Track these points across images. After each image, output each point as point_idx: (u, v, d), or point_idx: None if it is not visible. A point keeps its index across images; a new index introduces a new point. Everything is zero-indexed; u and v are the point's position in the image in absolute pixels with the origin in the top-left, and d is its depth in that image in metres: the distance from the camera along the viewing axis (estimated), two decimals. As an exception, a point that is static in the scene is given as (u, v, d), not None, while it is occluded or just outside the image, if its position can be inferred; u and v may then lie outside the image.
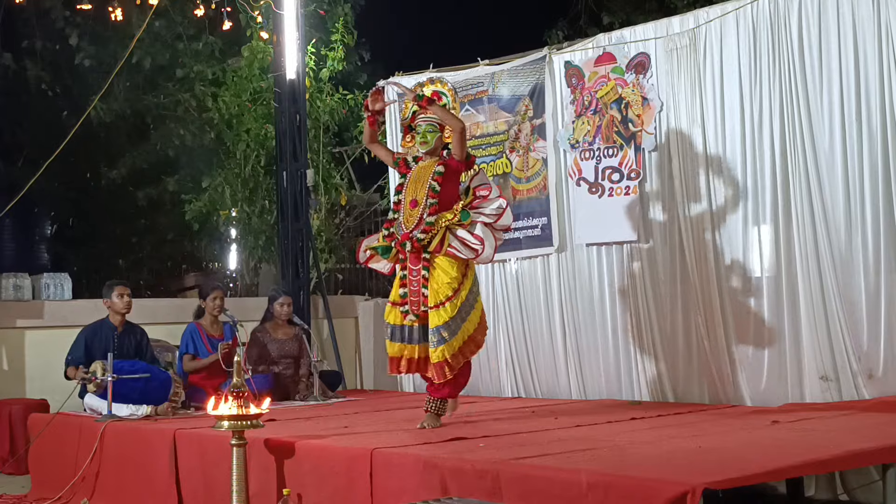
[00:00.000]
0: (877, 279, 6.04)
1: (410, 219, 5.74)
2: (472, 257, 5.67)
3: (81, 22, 12.11)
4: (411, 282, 5.70)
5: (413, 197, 5.76)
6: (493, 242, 5.68)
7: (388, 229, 5.86)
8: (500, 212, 5.70)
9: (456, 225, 5.67)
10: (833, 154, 6.22)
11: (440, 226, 5.66)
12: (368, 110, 6.01)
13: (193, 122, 12.22)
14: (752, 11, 6.59)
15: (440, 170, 5.74)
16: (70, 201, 15.06)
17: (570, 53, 7.64)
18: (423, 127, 5.85)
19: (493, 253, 5.73)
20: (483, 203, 5.76)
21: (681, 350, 6.94)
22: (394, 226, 5.84)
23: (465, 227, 5.66)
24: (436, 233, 5.65)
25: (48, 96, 13.03)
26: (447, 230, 5.66)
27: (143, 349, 7.31)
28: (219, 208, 11.37)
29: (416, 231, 5.68)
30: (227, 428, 4.86)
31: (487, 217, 5.69)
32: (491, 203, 5.75)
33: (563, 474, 3.96)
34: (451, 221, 5.67)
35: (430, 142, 5.84)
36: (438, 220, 5.67)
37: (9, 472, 7.35)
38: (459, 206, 5.73)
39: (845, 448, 4.38)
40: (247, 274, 12.08)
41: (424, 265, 5.65)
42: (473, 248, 5.62)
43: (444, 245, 5.65)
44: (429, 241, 5.65)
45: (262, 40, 10.86)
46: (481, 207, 5.74)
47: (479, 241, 5.61)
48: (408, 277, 5.72)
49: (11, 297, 8.32)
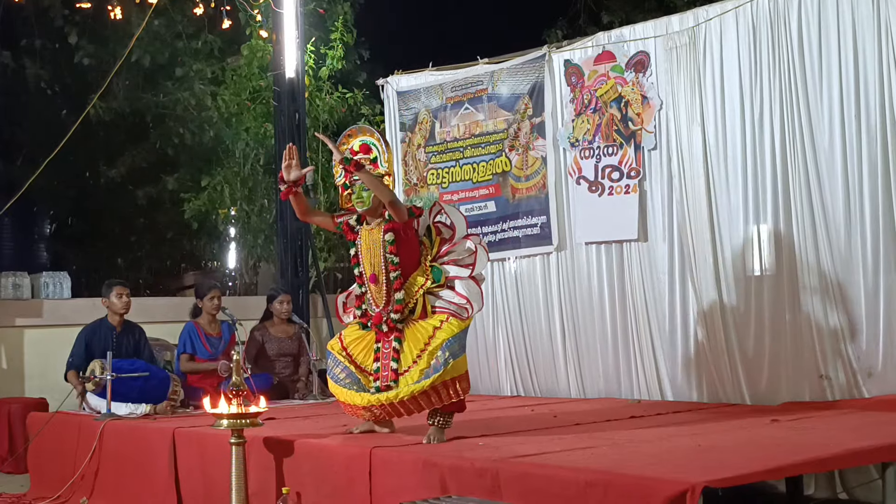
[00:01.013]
0: (875, 278, 6.04)
1: (378, 296, 5.18)
2: (465, 317, 5.12)
3: (81, 20, 12.11)
4: (383, 354, 5.16)
5: (371, 272, 5.19)
6: (478, 293, 5.19)
7: (360, 307, 5.28)
8: (472, 258, 5.22)
9: (434, 288, 5.17)
10: (832, 152, 6.22)
11: (414, 296, 5.15)
12: (283, 181, 5.30)
13: (193, 120, 12.22)
14: (752, 10, 6.58)
15: (390, 238, 5.16)
16: (69, 200, 15.05)
17: (569, 52, 7.63)
18: (357, 185, 5.21)
19: (482, 301, 5.23)
20: (452, 248, 5.26)
21: (680, 349, 6.93)
22: (364, 301, 5.27)
23: (443, 287, 5.17)
24: (413, 305, 5.14)
25: (47, 95, 13.03)
26: (425, 296, 5.16)
27: (142, 348, 7.31)
28: (218, 207, 11.37)
29: (388, 311, 5.14)
30: (226, 426, 4.86)
31: (463, 269, 5.20)
32: (460, 247, 5.26)
33: (563, 473, 3.96)
34: (425, 287, 5.16)
35: (366, 201, 5.20)
36: (409, 290, 5.15)
37: (8, 471, 7.36)
38: (427, 263, 5.22)
39: (845, 447, 4.38)
40: (246, 273, 12.09)
41: (396, 336, 5.13)
42: (462, 307, 5.12)
43: (428, 311, 5.13)
44: (409, 314, 5.14)
45: (261, 39, 10.86)
46: (451, 254, 5.25)
47: (465, 299, 5.11)
48: (381, 350, 5.18)
49: (10, 295, 8.32)
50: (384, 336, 5.18)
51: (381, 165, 5.37)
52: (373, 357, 5.21)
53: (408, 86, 8.74)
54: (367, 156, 5.37)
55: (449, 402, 5.09)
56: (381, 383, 5.09)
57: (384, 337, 5.18)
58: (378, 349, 5.20)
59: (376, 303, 5.20)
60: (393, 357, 5.11)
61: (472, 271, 5.21)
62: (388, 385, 5.07)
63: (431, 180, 8.53)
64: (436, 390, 5.02)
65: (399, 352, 5.10)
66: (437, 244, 5.29)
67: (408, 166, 8.74)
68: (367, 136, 5.46)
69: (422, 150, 8.59)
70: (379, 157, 5.39)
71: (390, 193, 5.17)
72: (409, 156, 8.73)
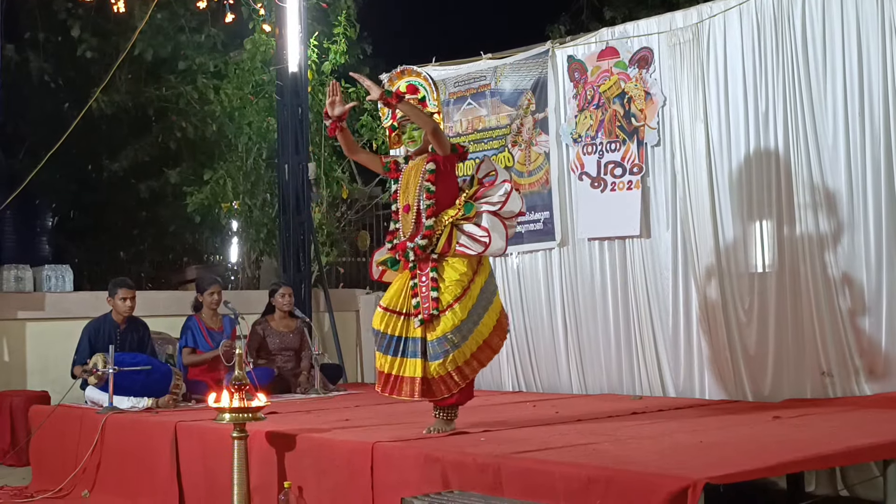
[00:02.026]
0: (879, 275, 6.04)
1: (407, 226, 5.22)
2: (482, 251, 5.11)
3: (84, 14, 12.11)
4: (420, 287, 5.14)
5: (405, 202, 5.24)
6: (502, 231, 5.15)
7: (391, 241, 5.33)
8: (505, 197, 5.18)
9: (461, 220, 5.15)
10: (836, 149, 6.21)
11: (444, 224, 5.15)
12: (328, 117, 5.31)
13: (195, 114, 12.22)
14: (756, 6, 6.57)
15: (431, 167, 5.19)
16: (71, 193, 15.05)
17: (572, 48, 7.63)
18: (406, 125, 5.30)
19: (504, 244, 5.17)
20: (488, 191, 5.24)
21: (682, 345, 6.93)
22: (395, 236, 5.32)
23: (470, 221, 5.15)
24: (440, 233, 5.14)
25: (50, 88, 13.02)
26: (453, 227, 5.15)
27: (145, 343, 7.32)
28: (220, 201, 11.37)
29: (416, 238, 5.16)
30: (228, 420, 4.87)
31: (492, 205, 5.18)
32: (496, 189, 5.23)
33: (565, 468, 3.96)
34: (454, 217, 5.16)
35: (417, 139, 5.28)
36: (440, 219, 5.16)
37: (10, 464, 7.36)
38: (463, 198, 5.21)
39: (846, 444, 4.37)
40: (248, 267, 12.09)
41: (433, 266, 5.13)
42: (481, 241, 5.09)
43: (453, 244, 5.13)
44: (434, 244, 5.14)
45: (264, 33, 10.85)
46: (486, 196, 5.22)
47: (486, 232, 5.09)
48: (418, 285, 5.16)
49: (13, 288, 8.32)
50: (417, 268, 5.16)
51: (430, 104, 5.42)
52: (409, 295, 5.17)
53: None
54: (415, 95, 5.41)
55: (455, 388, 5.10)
56: (424, 315, 5.07)
57: (418, 269, 5.16)
58: (415, 285, 5.16)
59: (404, 234, 5.23)
60: (432, 287, 5.10)
61: (501, 208, 5.18)
62: (430, 314, 5.06)
63: (434, 175, 8.51)
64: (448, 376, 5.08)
65: (438, 281, 5.10)
66: (476, 187, 5.27)
67: (410, 161, 8.73)
68: (413, 77, 5.51)
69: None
70: (427, 97, 5.44)
71: (432, 122, 5.20)
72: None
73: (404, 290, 5.21)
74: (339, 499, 4.81)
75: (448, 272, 5.12)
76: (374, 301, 9.68)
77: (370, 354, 9.62)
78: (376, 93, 5.16)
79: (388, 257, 5.33)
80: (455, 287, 5.09)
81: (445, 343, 5.04)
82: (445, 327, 5.04)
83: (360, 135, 11.53)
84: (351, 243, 11.91)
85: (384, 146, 10.62)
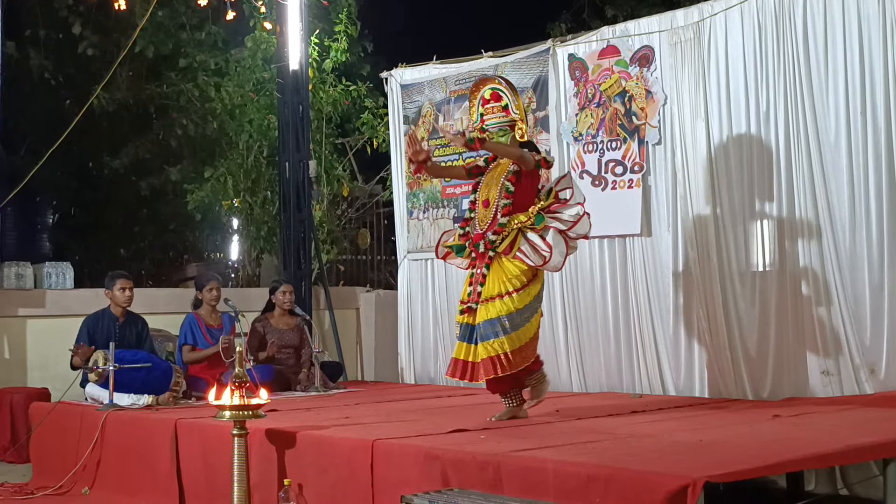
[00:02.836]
0: (881, 274, 6.04)
1: (484, 219, 5.56)
2: (540, 264, 5.40)
3: (84, 11, 12.10)
4: (475, 280, 5.54)
5: (486, 197, 5.59)
6: (563, 250, 5.43)
7: (464, 228, 5.69)
8: (576, 219, 5.46)
9: (529, 228, 5.43)
10: (838, 148, 6.21)
11: (512, 227, 5.44)
12: (413, 162, 5.72)
13: (196, 111, 12.21)
14: (757, 5, 6.58)
15: (514, 168, 5.53)
16: (72, 190, 15.05)
17: (573, 46, 7.63)
18: (493, 131, 5.62)
19: (562, 261, 5.46)
20: (561, 208, 5.51)
21: (682, 344, 6.94)
22: (469, 225, 5.67)
23: (537, 232, 5.42)
24: (507, 234, 5.44)
25: (51, 85, 13.01)
26: (519, 232, 5.44)
27: (144, 339, 7.32)
28: (221, 198, 11.37)
29: (488, 232, 5.50)
30: (228, 418, 4.87)
31: (562, 223, 5.45)
32: (569, 209, 5.50)
33: (564, 467, 3.97)
34: (524, 224, 5.44)
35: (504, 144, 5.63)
36: (511, 221, 5.45)
37: (10, 461, 7.35)
38: (535, 208, 5.49)
39: (846, 442, 4.38)
40: (248, 264, 12.08)
41: (487, 263, 5.48)
42: (542, 254, 5.37)
43: (514, 248, 5.42)
44: (500, 242, 5.45)
45: (265, 30, 10.85)
46: (558, 212, 5.49)
47: (549, 247, 5.36)
48: (474, 276, 5.56)
49: (13, 285, 8.32)
50: (480, 259, 5.54)
51: (513, 112, 5.66)
52: (467, 283, 5.61)
53: (411, 79, 8.74)
54: (499, 103, 5.66)
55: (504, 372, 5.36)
56: (464, 306, 5.50)
57: (479, 261, 5.54)
58: (471, 274, 5.59)
59: (479, 226, 5.58)
60: (480, 281, 5.48)
61: (570, 228, 5.47)
62: (469, 307, 5.47)
63: (435, 173, 8.52)
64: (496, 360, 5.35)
65: (485, 277, 5.47)
66: (552, 200, 5.55)
67: (411, 159, 8.74)
68: (495, 84, 5.73)
69: (425, 144, 8.58)
70: (509, 104, 5.67)
71: (516, 152, 5.53)
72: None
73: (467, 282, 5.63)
74: (339, 496, 4.81)
75: (508, 267, 5.44)
76: (374, 299, 9.74)
77: (370, 352, 9.63)
78: (460, 142, 5.54)
79: (456, 243, 5.69)
80: (515, 280, 5.42)
81: (498, 325, 5.35)
82: (501, 311, 5.36)
83: (360, 132, 11.54)
84: (351, 241, 11.91)
85: (384, 143, 10.63)
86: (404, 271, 8.86)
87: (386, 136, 10.16)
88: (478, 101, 5.71)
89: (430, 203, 8.59)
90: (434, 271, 8.60)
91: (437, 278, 8.57)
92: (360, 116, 11.40)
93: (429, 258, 8.61)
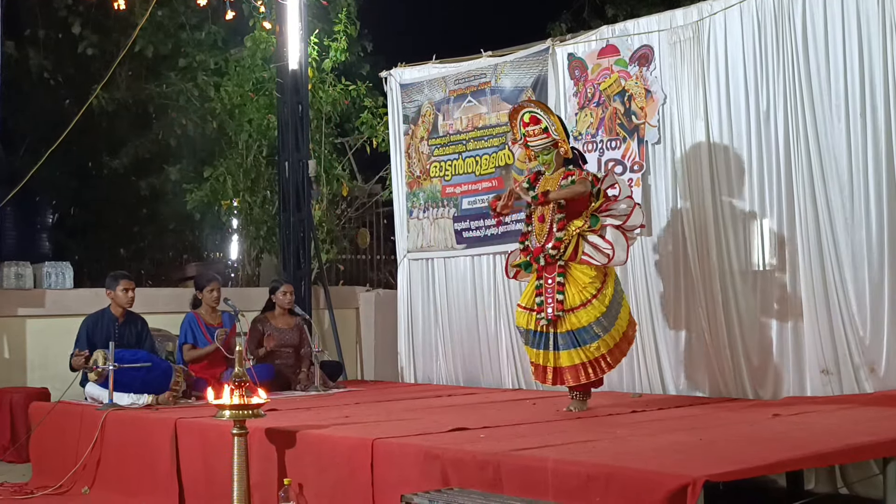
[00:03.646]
0: (880, 273, 6.04)
1: (541, 233, 5.90)
2: (605, 262, 5.75)
3: (84, 10, 12.09)
4: (546, 289, 5.81)
5: (541, 212, 5.91)
6: (624, 244, 5.78)
7: (523, 243, 6.03)
8: (628, 212, 5.80)
9: (587, 231, 5.78)
10: (837, 147, 6.21)
11: (571, 234, 5.79)
12: (495, 213, 6.15)
13: (196, 111, 12.19)
14: (757, 4, 6.58)
15: (566, 183, 5.86)
16: (72, 190, 15.04)
17: (573, 45, 7.63)
18: (540, 152, 5.99)
19: (625, 255, 5.82)
20: (612, 205, 5.85)
21: (682, 343, 6.94)
22: (528, 238, 6.01)
23: (596, 233, 5.78)
24: (568, 242, 5.79)
25: (50, 85, 13.00)
26: (580, 237, 5.79)
27: (143, 339, 7.31)
28: (220, 198, 11.36)
29: (547, 246, 5.83)
30: (228, 417, 4.87)
31: (616, 219, 5.80)
32: (619, 204, 5.85)
33: (564, 466, 3.97)
34: (581, 229, 5.79)
35: (551, 163, 5.97)
36: (569, 229, 5.80)
37: (10, 461, 7.36)
38: (589, 211, 5.81)
39: (846, 441, 4.38)
40: (248, 264, 12.08)
41: (560, 272, 5.78)
42: (605, 252, 5.72)
43: (579, 253, 5.77)
44: (563, 252, 5.78)
45: (264, 30, 10.84)
46: (610, 210, 5.84)
47: (610, 245, 5.72)
48: (543, 286, 5.83)
49: (13, 285, 8.32)
50: (544, 271, 5.83)
51: (553, 133, 5.95)
52: (535, 293, 5.87)
53: (411, 78, 8.74)
54: (538, 126, 5.96)
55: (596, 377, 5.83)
56: (551, 314, 5.75)
57: (544, 272, 5.83)
58: (540, 286, 5.85)
59: (538, 239, 5.89)
60: (558, 290, 5.75)
61: (625, 222, 5.79)
62: (557, 315, 5.74)
63: (434, 173, 8.53)
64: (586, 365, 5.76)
65: (564, 285, 5.76)
66: (602, 200, 5.85)
67: (410, 159, 8.74)
68: (531, 109, 6.05)
69: (425, 143, 8.59)
70: (549, 127, 5.96)
71: (576, 192, 5.79)
72: (412, 148, 8.73)
73: (530, 291, 5.95)
74: (339, 496, 4.81)
75: (578, 276, 5.77)
76: (374, 298, 9.75)
77: (370, 351, 9.64)
78: (527, 198, 5.95)
79: (523, 261, 6.00)
80: (590, 287, 5.75)
81: (592, 330, 5.70)
82: (589, 318, 5.70)
83: (360, 132, 11.54)
84: (351, 241, 11.91)
85: (384, 143, 10.62)
86: (404, 271, 8.86)
87: (385, 136, 10.16)
88: (518, 123, 6.05)
89: (431, 202, 8.59)
90: (434, 271, 8.60)
91: (437, 278, 8.57)
92: (360, 116, 11.40)
93: (429, 257, 8.61)
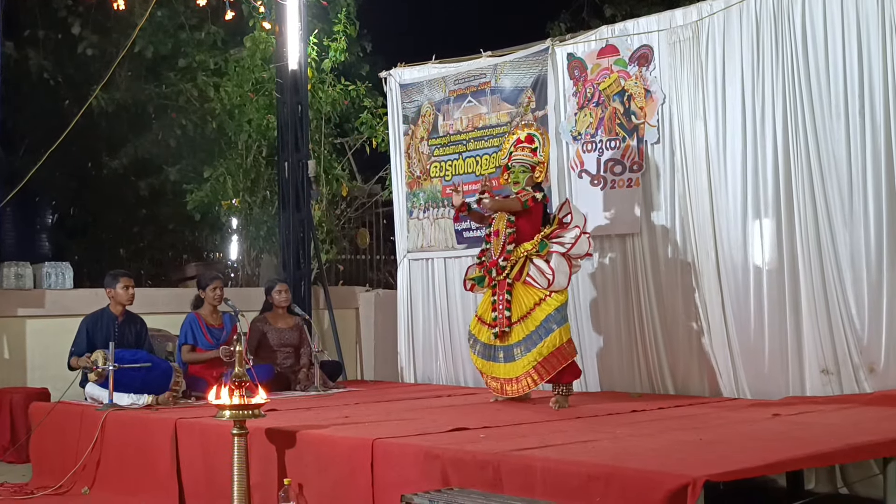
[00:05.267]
0: (879, 273, 6.04)
1: (496, 247, 6.41)
2: (546, 286, 6.19)
3: (84, 11, 12.09)
4: (497, 306, 6.32)
5: (496, 228, 6.43)
6: (566, 271, 6.24)
7: (481, 258, 6.57)
8: (574, 240, 6.24)
9: (535, 255, 6.26)
10: (836, 147, 6.21)
11: (519, 255, 6.29)
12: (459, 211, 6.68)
13: (195, 111, 12.20)
14: (756, 4, 6.58)
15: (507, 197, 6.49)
16: (71, 190, 15.04)
17: (572, 45, 7.63)
18: (516, 167, 6.46)
19: (566, 281, 6.26)
20: (563, 232, 6.31)
21: (682, 342, 6.94)
22: (486, 255, 6.51)
23: (542, 257, 6.25)
24: (515, 262, 6.29)
25: (50, 85, 12.99)
26: (527, 259, 6.27)
27: (143, 339, 7.31)
28: (220, 198, 11.36)
29: (499, 259, 6.35)
30: (228, 417, 4.88)
31: (562, 246, 6.25)
32: (568, 233, 6.29)
33: (564, 466, 3.97)
34: (529, 252, 6.27)
35: (521, 181, 6.42)
36: (518, 249, 6.30)
37: (10, 461, 7.36)
38: (540, 236, 6.30)
39: (846, 441, 4.38)
40: (248, 264, 12.08)
41: (507, 290, 6.29)
42: (546, 277, 6.18)
43: (524, 274, 6.26)
44: (511, 268, 6.28)
45: (264, 30, 10.84)
46: (560, 236, 6.29)
47: (552, 271, 6.19)
48: (496, 302, 6.34)
49: (13, 285, 8.31)
50: (499, 286, 6.34)
51: (539, 154, 6.53)
52: (491, 308, 6.39)
53: (411, 78, 8.74)
54: (531, 144, 6.52)
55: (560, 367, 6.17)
56: (498, 329, 6.28)
57: (499, 288, 6.34)
58: (494, 301, 6.37)
59: (494, 252, 6.42)
60: (506, 307, 6.26)
61: (569, 250, 6.26)
62: (503, 331, 6.26)
63: (434, 173, 8.53)
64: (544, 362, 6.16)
65: (510, 302, 6.26)
66: (555, 227, 6.37)
67: (411, 159, 8.74)
68: (533, 131, 6.65)
69: (425, 143, 8.59)
70: (539, 148, 6.54)
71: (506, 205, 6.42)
72: (412, 148, 8.73)
73: (486, 305, 6.47)
74: (339, 496, 4.81)
75: (522, 297, 6.25)
76: (374, 298, 9.76)
77: (370, 352, 9.64)
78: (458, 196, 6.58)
79: (478, 275, 6.54)
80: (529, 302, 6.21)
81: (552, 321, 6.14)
82: (545, 312, 6.15)
83: (359, 132, 11.54)
84: (351, 241, 11.91)
85: (383, 143, 10.63)
86: (404, 271, 8.86)
87: (385, 136, 10.16)
88: (512, 143, 6.59)
89: (431, 202, 8.60)
90: (434, 271, 8.60)
91: (437, 278, 8.57)
92: (359, 116, 11.40)
93: (429, 258, 8.62)
